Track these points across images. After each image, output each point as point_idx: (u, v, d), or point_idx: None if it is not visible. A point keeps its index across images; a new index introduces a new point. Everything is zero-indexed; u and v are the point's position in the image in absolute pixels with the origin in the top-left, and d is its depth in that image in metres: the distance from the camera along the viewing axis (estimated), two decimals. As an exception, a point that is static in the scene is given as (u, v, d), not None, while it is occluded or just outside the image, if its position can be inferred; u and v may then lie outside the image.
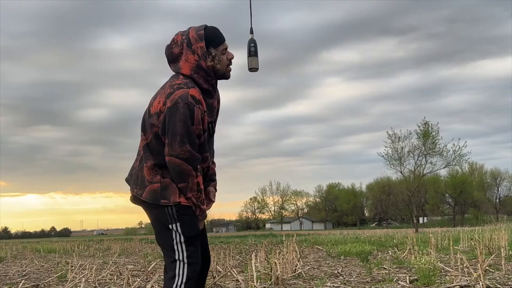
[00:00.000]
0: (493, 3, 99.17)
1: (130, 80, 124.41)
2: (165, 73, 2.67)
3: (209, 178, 2.74)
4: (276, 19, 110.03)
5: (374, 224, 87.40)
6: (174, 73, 2.60)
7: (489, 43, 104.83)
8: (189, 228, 2.47)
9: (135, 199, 2.58)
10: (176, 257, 2.46)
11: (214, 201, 2.72)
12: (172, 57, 2.57)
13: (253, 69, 2.84)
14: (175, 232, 2.46)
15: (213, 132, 2.65)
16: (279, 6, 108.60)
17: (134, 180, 2.57)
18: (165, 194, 2.45)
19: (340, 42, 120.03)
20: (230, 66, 2.61)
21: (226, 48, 2.58)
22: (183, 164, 2.39)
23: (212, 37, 2.53)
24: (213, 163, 2.77)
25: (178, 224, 2.45)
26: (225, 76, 2.61)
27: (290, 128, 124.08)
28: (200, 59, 2.49)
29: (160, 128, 2.46)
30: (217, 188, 2.80)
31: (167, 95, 2.45)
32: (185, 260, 2.44)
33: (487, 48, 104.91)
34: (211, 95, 2.58)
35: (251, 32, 2.87)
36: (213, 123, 2.61)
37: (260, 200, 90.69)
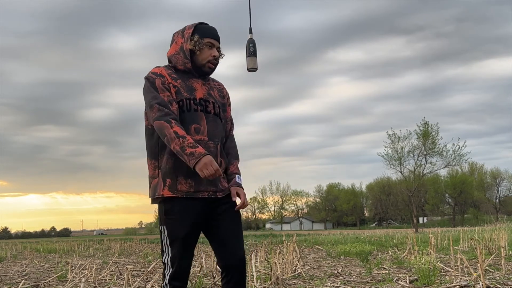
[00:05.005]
0: (500, 2, 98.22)
1: (135, 79, 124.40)
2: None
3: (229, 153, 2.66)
4: (282, 18, 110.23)
5: (374, 224, 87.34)
6: None
7: (495, 42, 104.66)
8: (172, 230, 2.42)
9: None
10: (163, 259, 2.46)
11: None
12: None
13: (252, 69, 2.83)
14: (163, 233, 2.47)
15: (208, 110, 2.54)
16: (284, 5, 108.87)
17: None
18: (156, 188, 2.47)
19: (346, 41, 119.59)
20: (212, 64, 2.57)
21: (215, 46, 2.57)
22: (157, 122, 2.40)
23: (201, 28, 2.57)
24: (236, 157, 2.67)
25: (164, 226, 2.45)
26: (203, 69, 2.56)
27: (293, 128, 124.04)
28: (184, 42, 2.56)
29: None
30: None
31: None
32: (168, 263, 2.43)
33: (493, 47, 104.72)
34: (191, 75, 2.57)
35: (250, 32, 2.86)
36: (194, 100, 2.52)
37: (260, 200, 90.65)
